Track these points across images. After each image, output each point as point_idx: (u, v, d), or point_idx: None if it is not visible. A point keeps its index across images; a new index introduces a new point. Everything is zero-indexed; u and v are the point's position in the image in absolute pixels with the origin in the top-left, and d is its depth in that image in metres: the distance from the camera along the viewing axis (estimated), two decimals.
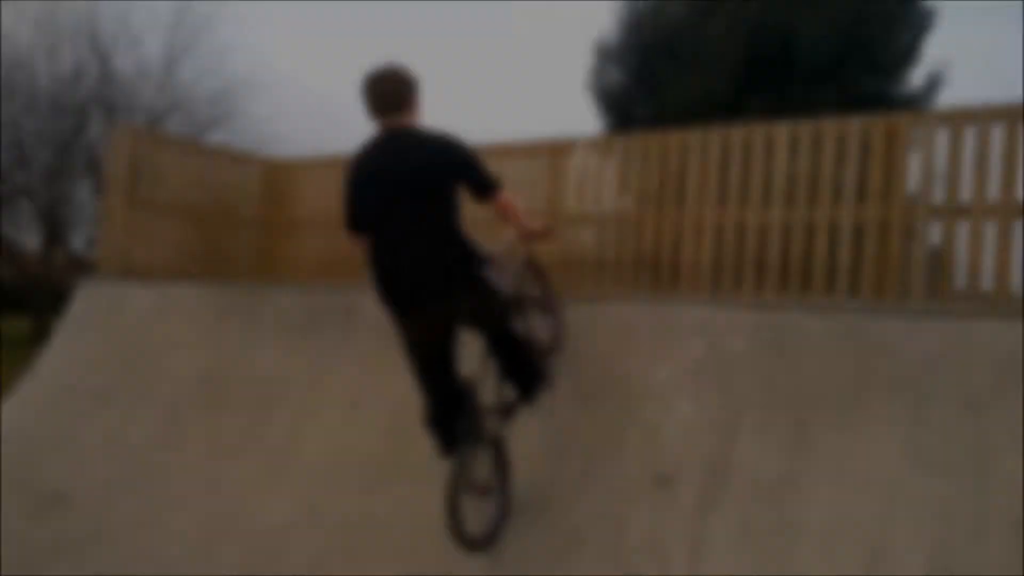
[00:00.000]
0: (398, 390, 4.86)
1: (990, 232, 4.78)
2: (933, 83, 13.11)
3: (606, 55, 15.23)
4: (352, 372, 5.18)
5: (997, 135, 4.80)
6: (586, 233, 6.10)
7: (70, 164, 18.82)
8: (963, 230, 4.92)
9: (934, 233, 5.05)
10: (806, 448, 3.65)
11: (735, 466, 3.73)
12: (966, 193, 4.91)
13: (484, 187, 3.55)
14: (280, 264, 7.79)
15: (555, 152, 6.22)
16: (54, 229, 18.85)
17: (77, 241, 19.87)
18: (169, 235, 7.16)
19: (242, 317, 5.94)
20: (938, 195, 5.08)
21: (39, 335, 13.62)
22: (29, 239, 20.09)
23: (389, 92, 3.51)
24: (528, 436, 4.32)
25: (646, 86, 14.36)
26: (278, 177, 7.87)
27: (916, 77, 13.24)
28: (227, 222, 7.59)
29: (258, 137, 18.22)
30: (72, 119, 18.66)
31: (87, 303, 6.63)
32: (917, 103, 12.64)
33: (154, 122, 18.32)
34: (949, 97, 13.21)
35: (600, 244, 6.01)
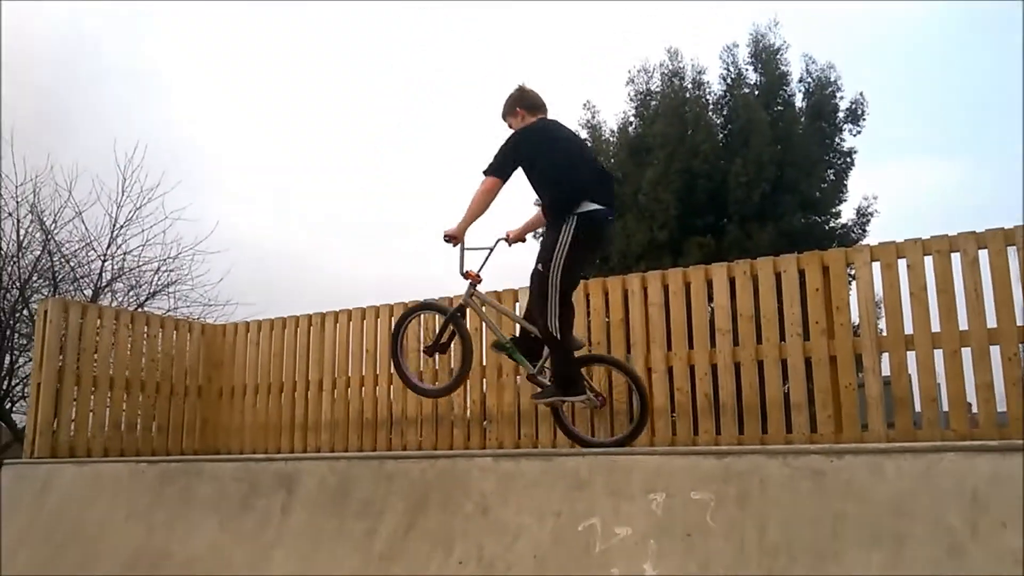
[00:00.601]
0: (344, 564, 4.55)
1: (939, 361, 4.80)
2: (862, 216, 13.69)
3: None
4: (295, 545, 4.83)
5: (930, 267, 4.92)
6: None
7: (12, 338, 18.36)
8: (911, 360, 4.94)
9: (883, 365, 5.06)
10: None
11: None
12: (908, 324, 4.96)
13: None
14: (220, 432, 7.51)
15: (500, 300, 6.18)
16: None
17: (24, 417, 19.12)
18: (102, 408, 6.85)
19: (178, 493, 5.58)
20: (881, 326, 5.14)
21: None
22: None
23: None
24: None
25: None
26: (216, 343, 7.71)
27: (846, 211, 13.85)
28: (165, 391, 7.32)
29: (206, 300, 18.06)
30: (15, 292, 18.35)
31: (13, 485, 6.22)
32: (849, 237, 13.15)
33: (99, 291, 18.09)
34: (878, 227, 13.81)
35: None
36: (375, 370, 6.76)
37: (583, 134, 15.34)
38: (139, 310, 14.58)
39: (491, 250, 5.08)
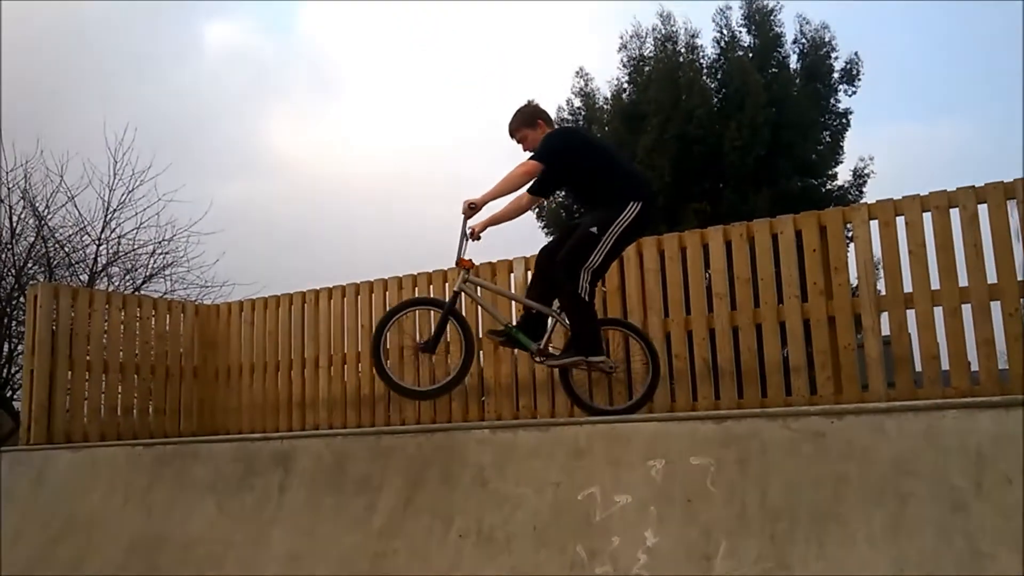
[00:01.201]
0: (344, 540, 4.52)
1: (939, 319, 4.74)
2: (859, 178, 13.58)
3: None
4: (292, 524, 4.80)
5: (928, 224, 4.84)
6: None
7: (11, 326, 18.33)
8: (911, 319, 4.88)
9: (883, 325, 5.00)
10: (788, 570, 3.36)
11: None
12: (907, 283, 4.90)
13: None
14: (216, 413, 7.47)
15: (495, 271, 6.12)
16: None
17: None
18: (97, 393, 6.79)
19: (175, 475, 5.54)
20: (880, 286, 5.08)
21: None
22: None
23: None
24: None
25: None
26: (210, 323, 7.64)
27: (842, 173, 13.73)
28: (160, 373, 7.26)
29: (202, 281, 17.99)
30: (10, 279, 18.27)
31: (8, 472, 6.17)
32: (846, 199, 13.05)
33: (95, 276, 18.01)
34: (875, 189, 13.70)
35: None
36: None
37: (576, 103, 15.18)
38: (133, 293, 14.47)
39: (466, 238, 4.89)
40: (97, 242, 18.78)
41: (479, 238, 4.93)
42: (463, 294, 5.00)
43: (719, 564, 3.51)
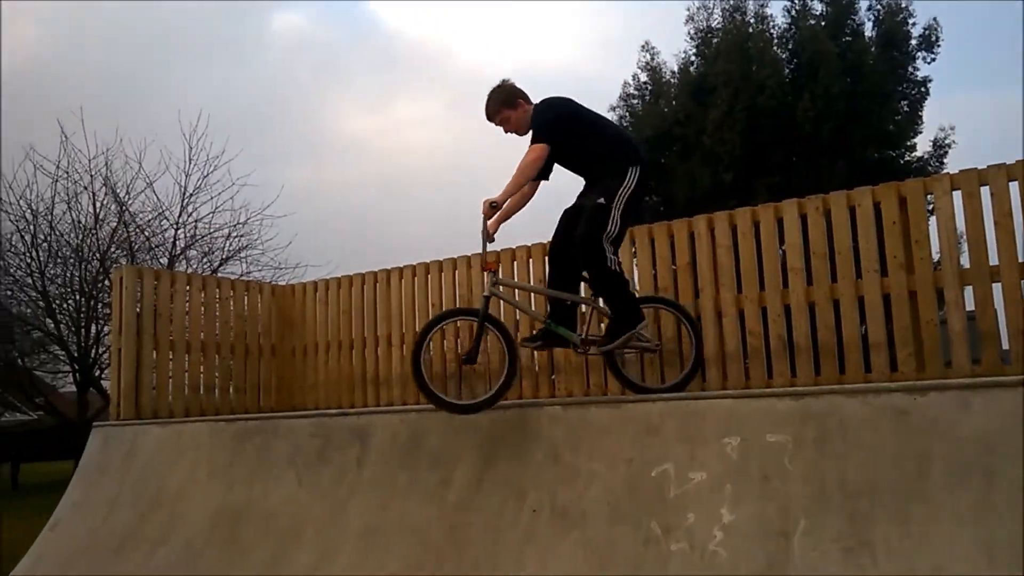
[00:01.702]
0: (419, 514, 4.62)
1: None
2: (939, 149, 13.08)
3: None
4: (369, 497, 4.92)
5: (1015, 193, 4.63)
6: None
7: (96, 307, 19.15)
8: (997, 292, 4.70)
9: (967, 299, 4.82)
10: (869, 549, 3.30)
11: (792, 574, 3.38)
12: (993, 255, 4.71)
13: None
14: (294, 389, 7.68)
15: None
16: (86, 372, 19.06)
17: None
18: (181, 371, 7.05)
19: (256, 450, 5.73)
20: (963, 260, 4.89)
21: None
22: (65, 384, 20.54)
23: None
24: (560, 556, 4.01)
25: (652, 180, 14.45)
26: (287, 303, 7.84)
27: (921, 144, 13.24)
28: (240, 352, 7.50)
29: (276, 263, 18.49)
30: (95, 264, 19.04)
31: (101, 446, 6.49)
32: (925, 171, 12.58)
33: (174, 260, 18.63)
34: (956, 160, 13.18)
35: None
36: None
37: (643, 77, 14.98)
38: (211, 275, 14.93)
39: (487, 239, 4.76)
40: (175, 226, 19.44)
41: (493, 239, 4.82)
42: (494, 298, 4.84)
43: (798, 541, 3.47)
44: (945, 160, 13.10)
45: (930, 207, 5.04)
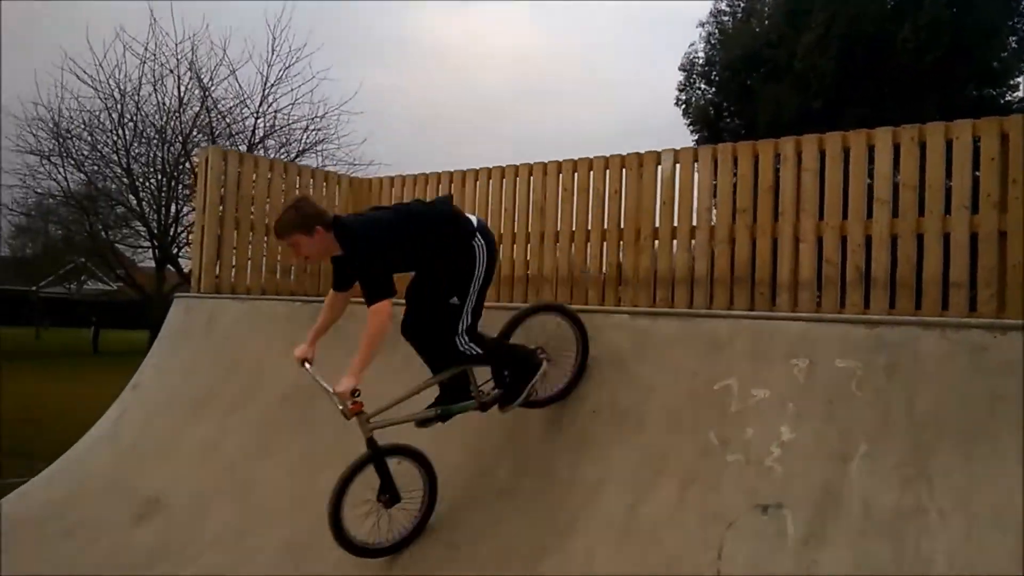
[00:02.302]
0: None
1: None
2: None
3: (694, 70, 14.96)
4: None
5: None
6: (674, 248, 5.90)
7: (177, 188, 19.77)
8: None
9: None
10: (927, 480, 3.33)
11: (847, 497, 3.44)
12: None
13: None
14: None
15: (642, 163, 6.04)
16: (165, 249, 19.84)
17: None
18: (259, 253, 7.29)
19: (328, 332, 5.94)
20: None
21: None
22: (144, 259, 21.48)
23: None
24: (615, 458, 4.14)
25: (736, 101, 14.04)
26: (363, 195, 7.97)
27: None
28: None
29: (351, 159, 18.72)
30: (178, 146, 19.54)
31: (182, 316, 6.81)
32: None
33: (253, 147, 18.99)
34: None
35: (690, 259, 5.78)
36: (513, 228, 6.83)
37: None
38: (292, 162, 15.22)
39: (314, 378, 4.46)
40: (256, 115, 19.75)
41: (360, 404, 4.23)
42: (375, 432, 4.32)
43: (856, 465, 3.52)
44: None
45: None
